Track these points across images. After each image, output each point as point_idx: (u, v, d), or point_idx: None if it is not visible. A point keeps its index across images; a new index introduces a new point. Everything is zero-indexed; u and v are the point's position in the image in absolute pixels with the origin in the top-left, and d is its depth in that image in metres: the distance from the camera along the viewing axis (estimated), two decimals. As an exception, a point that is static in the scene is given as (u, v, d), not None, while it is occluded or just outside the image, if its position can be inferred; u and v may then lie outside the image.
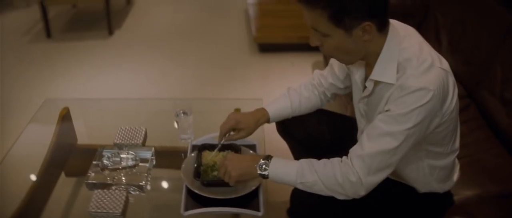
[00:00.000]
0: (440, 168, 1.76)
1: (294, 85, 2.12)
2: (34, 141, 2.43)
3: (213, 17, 5.42)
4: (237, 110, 2.47)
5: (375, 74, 1.59)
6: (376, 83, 1.62)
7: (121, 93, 3.81)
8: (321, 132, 2.17)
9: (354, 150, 1.58)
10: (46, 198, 2.10)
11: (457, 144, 1.78)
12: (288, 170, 1.66)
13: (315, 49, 4.20)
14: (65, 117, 2.55)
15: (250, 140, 2.13)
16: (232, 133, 1.98)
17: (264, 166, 1.68)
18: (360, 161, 1.54)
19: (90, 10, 5.62)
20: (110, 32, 4.94)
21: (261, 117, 2.01)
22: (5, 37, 5.03)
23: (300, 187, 1.64)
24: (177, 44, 4.72)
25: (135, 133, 2.26)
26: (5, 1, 5.99)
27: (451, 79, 1.55)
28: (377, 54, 1.57)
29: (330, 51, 1.60)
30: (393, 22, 1.61)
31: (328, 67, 2.04)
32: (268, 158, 1.70)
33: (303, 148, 2.21)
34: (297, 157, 2.25)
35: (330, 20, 1.46)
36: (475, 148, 2.36)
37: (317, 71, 2.12)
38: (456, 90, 1.58)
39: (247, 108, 2.46)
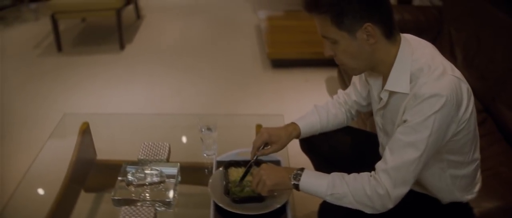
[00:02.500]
0: (462, 177, 1.77)
1: (320, 103, 2.14)
2: (55, 156, 2.41)
3: (225, 32, 5.42)
4: (259, 126, 2.46)
5: (389, 85, 1.64)
6: (391, 94, 1.67)
7: (135, 108, 3.79)
8: (345, 147, 2.19)
9: (379, 165, 1.61)
10: (68, 214, 2.08)
11: (477, 153, 1.80)
12: (320, 182, 1.68)
13: (328, 64, 4.23)
14: (85, 132, 2.54)
15: (275, 156, 2.11)
16: (264, 147, 1.98)
17: (298, 176, 1.70)
18: (386, 174, 1.57)
19: (99, 24, 5.64)
20: (122, 47, 4.93)
21: (293, 131, 2.02)
22: (16, 50, 5.04)
23: (329, 199, 1.66)
24: (189, 59, 4.72)
25: (159, 149, 2.24)
26: (14, 14, 6.01)
27: (465, 86, 1.57)
28: (390, 65, 1.62)
29: (341, 59, 1.64)
30: (407, 35, 1.67)
31: (351, 86, 2.08)
32: (301, 169, 1.72)
33: (326, 164, 2.21)
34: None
35: (333, 23, 1.54)
36: (494, 161, 2.36)
37: (340, 91, 2.16)
38: (472, 98, 1.62)
39: (268, 124, 2.44)
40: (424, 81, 1.53)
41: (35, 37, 5.33)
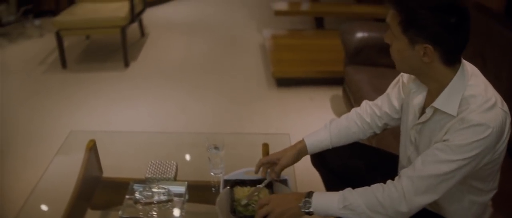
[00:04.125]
0: (479, 204, 1.80)
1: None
2: (62, 173, 2.42)
3: (229, 51, 5.45)
4: (265, 145, 2.48)
5: (438, 103, 1.66)
6: (435, 111, 1.69)
7: (140, 126, 3.81)
8: (357, 164, 2.20)
9: (405, 171, 1.65)
10: (75, 231, 2.10)
11: (497, 182, 1.83)
12: (331, 198, 1.71)
13: (333, 83, 4.24)
14: (92, 149, 2.55)
15: (282, 175, 2.13)
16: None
17: (307, 204, 1.72)
18: (409, 181, 1.61)
19: (103, 41, 5.68)
20: (126, 64, 4.97)
21: (302, 148, 2.09)
22: (21, 66, 5.08)
23: (342, 213, 1.68)
24: (194, 77, 4.75)
25: (166, 167, 2.26)
26: (19, 31, 6.06)
27: (509, 121, 1.62)
28: (442, 85, 1.64)
29: (394, 53, 1.68)
30: (465, 62, 1.69)
31: (384, 96, 2.10)
32: (309, 195, 1.74)
33: (337, 180, 2.22)
34: (330, 189, 2.26)
35: (400, 24, 1.58)
36: (500, 179, 2.37)
37: (366, 102, 2.17)
38: (510, 132, 1.65)
39: (274, 142, 2.47)
40: (474, 108, 1.56)
41: (40, 54, 5.37)
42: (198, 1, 7.62)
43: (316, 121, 3.81)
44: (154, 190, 2.08)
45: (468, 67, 1.68)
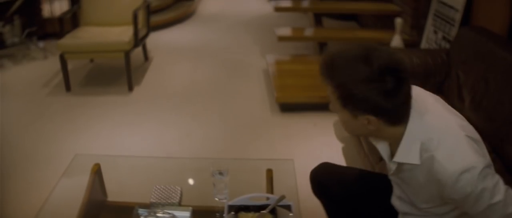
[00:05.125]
0: None
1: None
2: (66, 197, 2.45)
3: (233, 76, 5.49)
4: (270, 171, 2.50)
5: (398, 157, 1.67)
6: (401, 163, 1.70)
7: (144, 150, 3.83)
8: (358, 190, 2.21)
9: None
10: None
11: None
12: None
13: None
14: (97, 173, 2.58)
15: (286, 200, 2.15)
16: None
17: None
18: None
19: (107, 65, 5.73)
20: (130, 88, 5.01)
21: None
22: (25, 89, 5.13)
23: None
24: (198, 102, 4.79)
25: (171, 192, 2.28)
26: (23, 52, 6.13)
27: (472, 142, 1.60)
28: (397, 140, 1.64)
29: (341, 122, 1.70)
30: (414, 91, 1.64)
31: None
32: None
33: (338, 208, 2.24)
34: (332, 216, 2.28)
35: (338, 99, 1.58)
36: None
37: None
38: (483, 146, 1.66)
39: (278, 168, 2.50)
40: (443, 155, 1.54)
41: (44, 76, 5.42)
42: (201, 26, 7.70)
43: (320, 146, 3.85)
44: (158, 215, 2.10)
45: (419, 105, 1.65)
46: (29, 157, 3.77)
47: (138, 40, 5.15)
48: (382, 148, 1.79)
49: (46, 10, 6.83)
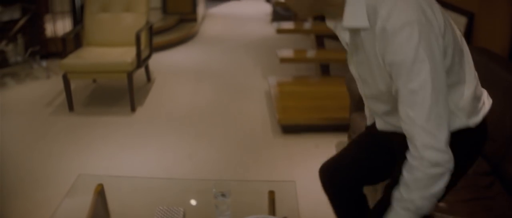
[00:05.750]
0: (463, 102, 1.75)
1: None
2: (69, 217, 2.47)
3: (235, 97, 5.54)
4: (272, 192, 2.53)
5: (346, 21, 1.62)
6: (354, 35, 1.67)
7: (147, 171, 3.86)
8: (363, 170, 2.26)
9: (410, 130, 1.56)
10: None
11: (472, 74, 1.83)
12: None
13: (338, 129, 4.31)
14: (100, 194, 2.60)
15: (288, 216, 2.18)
16: None
17: None
18: (422, 131, 1.53)
19: (110, 85, 5.78)
20: (133, 109, 5.04)
21: None
22: (28, 107, 5.18)
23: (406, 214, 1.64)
24: (200, 124, 4.82)
25: (174, 214, 2.31)
26: (26, 71, 6.18)
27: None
28: (341, 5, 1.62)
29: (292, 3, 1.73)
30: None
31: None
32: None
33: (348, 203, 2.30)
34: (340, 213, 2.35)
35: None
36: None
37: None
38: (437, 9, 1.60)
39: (281, 190, 2.53)
40: (387, 11, 1.50)
41: (47, 95, 5.47)
42: (204, 47, 7.76)
43: (322, 168, 3.86)
44: (161, 235, 2.13)
45: None
46: (32, 176, 3.79)
47: (141, 61, 5.20)
48: (340, 30, 1.74)
49: (49, 30, 6.90)
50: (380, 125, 1.98)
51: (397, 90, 1.57)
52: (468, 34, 3.92)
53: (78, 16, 6.44)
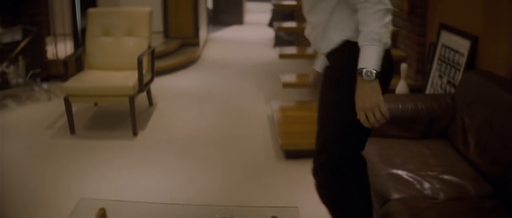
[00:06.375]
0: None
1: None
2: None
3: (237, 122, 5.56)
4: (275, 218, 2.54)
5: None
6: None
7: (149, 196, 3.86)
8: None
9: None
10: None
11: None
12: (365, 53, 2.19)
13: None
14: (102, 218, 2.62)
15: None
16: None
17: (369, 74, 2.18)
18: None
19: (111, 109, 5.82)
20: (135, 133, 5.07)
21: None
22: (29, 130, 5.21)
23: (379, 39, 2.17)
24: (203, 148, 4.84)
25: (177, 238, 2.32)
26: (27, 93, 6.23)
27: None
28: None
29: None
30: None
31: None
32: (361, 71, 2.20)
33: None
34: None
35: None
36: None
37: None
38: None
39: (283, 216, 2.54)
40: None
41: (48, 118, 5.51)
42: (206, 71, 7.81)
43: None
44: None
45: None
46: (33, 200, 3.80)
47: (143, 86, 5.23)
48: None
49: (50, 52, 6.97)
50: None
51: None
52: (472, 57, 3.96)
53: (79, 39, 6.50)
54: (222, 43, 10.30)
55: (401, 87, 4.78)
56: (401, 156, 3.25)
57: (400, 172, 3.00)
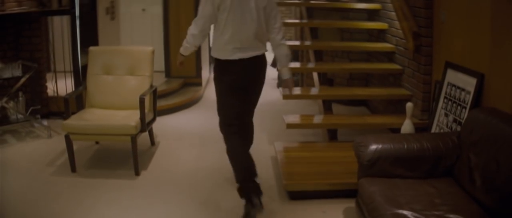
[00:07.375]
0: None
1: None
2: None
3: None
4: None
5: None
6: None
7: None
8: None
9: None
10: None
11: (227, 36, 4.06)
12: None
13: (346, 195, 4.40)
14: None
15: None
16: None
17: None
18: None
19: (113, 148, 5.87)
20: (137, 173, 5.11)
21: None
22: (29, 166, 5.27)
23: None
24: (205, 189, 4.87)
25: None
26: (27, 129, 6.31)
27: None
28: None
29: None
30: None
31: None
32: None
33: None
34: None
35: None
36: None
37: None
38: None
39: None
40: None
41: (48, 155, 5.58)
42: (208, 111, 7.82)
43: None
44: None
45: None
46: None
47: (145, 125, 5.27)
48: None
49: (50, 89, 7.05)
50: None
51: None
52: (479, 95, 4.02)
53: (80, 77, 6.56)
54: (224, 83, 10.32)
55: (406, 126, 4.84)
56: (406, 195, 3.29)
57: (405, 212, 3.04)
